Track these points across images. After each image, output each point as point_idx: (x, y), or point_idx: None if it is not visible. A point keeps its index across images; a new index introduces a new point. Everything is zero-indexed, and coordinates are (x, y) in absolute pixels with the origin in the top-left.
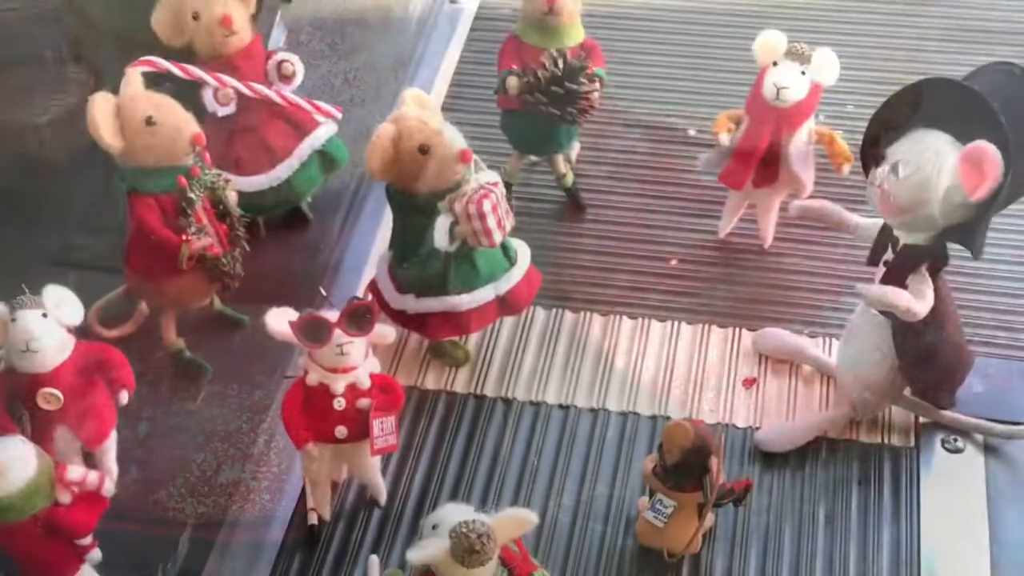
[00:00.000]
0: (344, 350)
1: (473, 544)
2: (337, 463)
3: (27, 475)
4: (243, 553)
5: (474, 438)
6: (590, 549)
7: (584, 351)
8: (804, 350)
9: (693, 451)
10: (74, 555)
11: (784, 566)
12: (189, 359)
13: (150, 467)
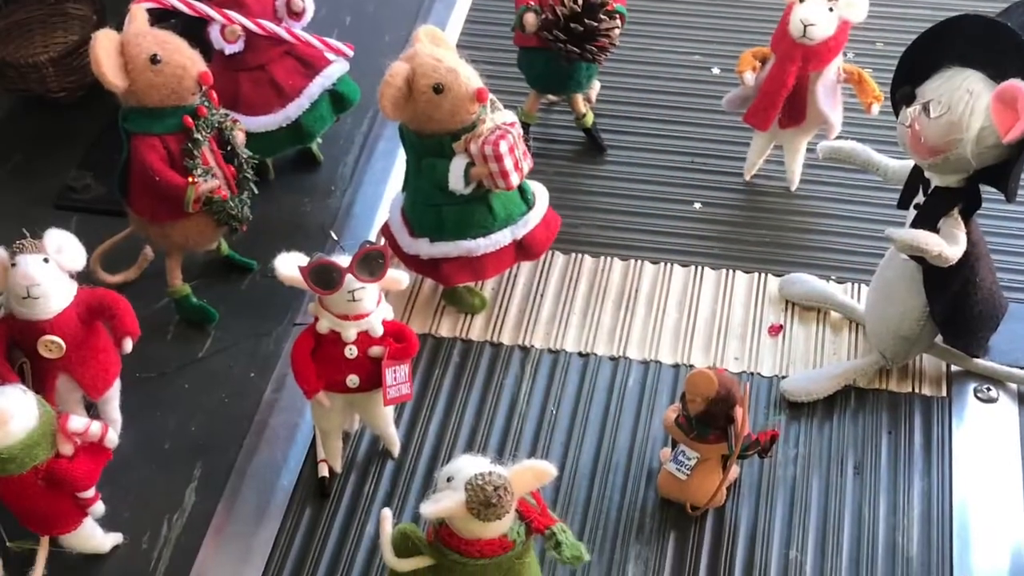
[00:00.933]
0: (356, 296)
1: (489, 497)
2: (348, 413)
3: (28, 425)
4: (251, 507)
5: (490, 387)
6: (610, 502)
7: (604, 297)
8: (832, 296)
9: (717, 401)
10: (76, 508)
11: (812, 519)
12: (195, 305)
13: (155, 417)
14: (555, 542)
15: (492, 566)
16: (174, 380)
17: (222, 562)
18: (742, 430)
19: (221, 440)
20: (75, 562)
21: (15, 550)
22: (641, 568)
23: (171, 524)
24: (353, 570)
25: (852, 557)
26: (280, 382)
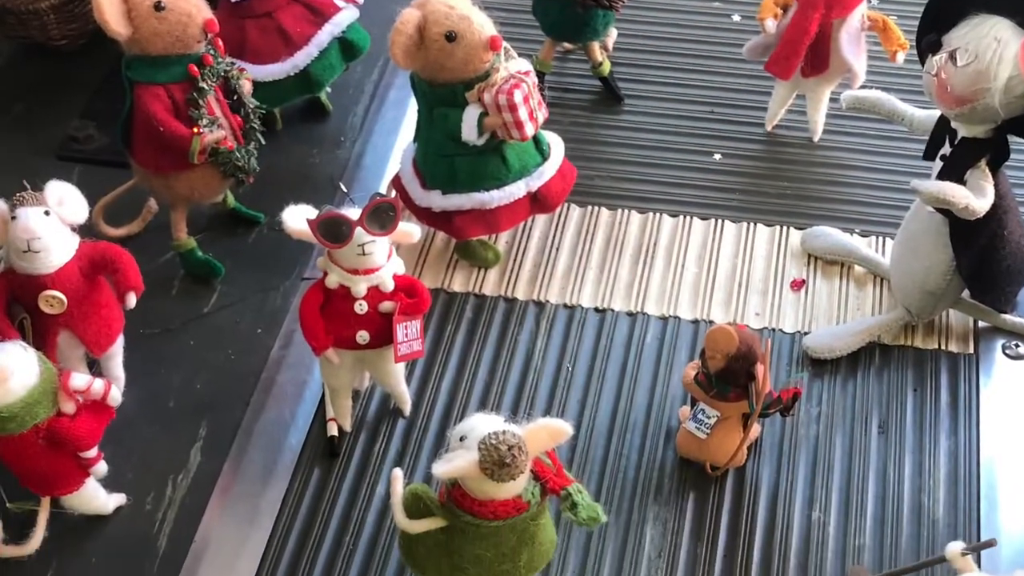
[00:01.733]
0: (366, 250)
1: (503, 457)
2: (358, 370)
3: (28, 383)
4: (258, 466)
5: (504, 344)
6: (628, 462)
7: (621, 251)
8: (855, 250)
9: (738, 357)
10: (78, 468)
11: (835, 479)
12: (201, 259)
13: (159, 375)
14: (571, 503)
15: (506, 528)
16: (179, 336)
17: (228, 523)
18: (763, 388)
19: (227, 398)
20: (77, 524)
21: (15, 511)
22: (660, 529)
23: (176, 485)
24: (363, 532)
25: (876, 518)
26: (288, 338)
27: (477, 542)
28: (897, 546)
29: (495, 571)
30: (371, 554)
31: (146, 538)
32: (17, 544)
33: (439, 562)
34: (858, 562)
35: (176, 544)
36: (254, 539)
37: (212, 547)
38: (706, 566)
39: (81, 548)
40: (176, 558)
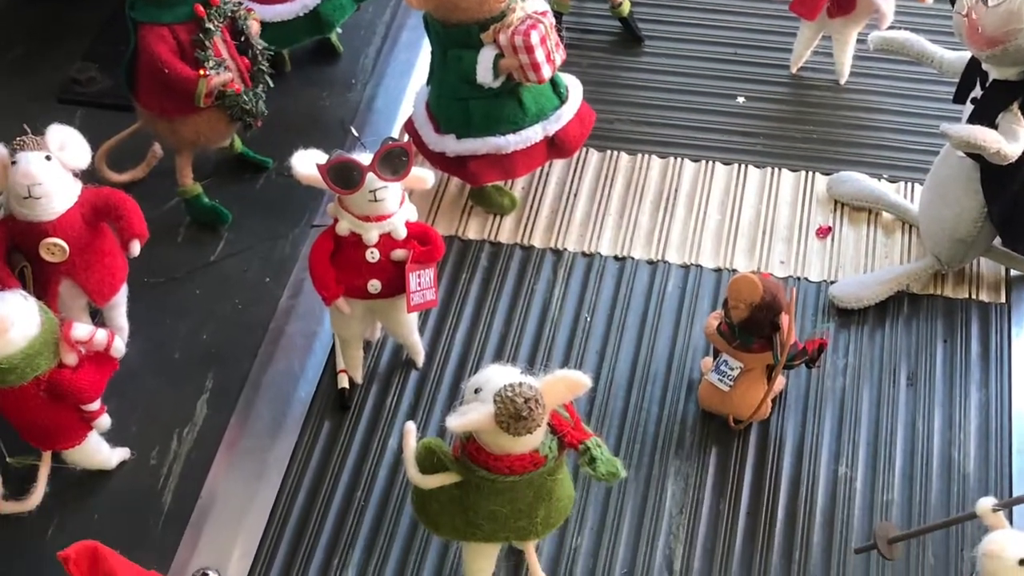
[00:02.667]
0: (378, 196)
1: (520, 410)
2: (370, 320)
3: (29, 333)
4: (266, 420)
5: (521, 293)
6: (648, 415)
7: (642, 197)
8: (883, 196)
9: (761, 307)
10: (80, 421)
11: (862, 432)
12: (208, 206)
13: (164, 325)
14: (589, 457)
15: (522, 483)
16: (184, 285)
17: (235, 478)
18: (788, 338)
19: (234, 349)
20: (79, 478)
21: (15, 466)
22: (681, 484)
23: (181, 438)
24: (375, 487)
25: (905, 473)
26: (297, 287)
27: (492, 498)
28: (926, 502)
29: (511, 527)
30: (383, 510)
31: (150, 494)
32: (17, 500)
33: (453, 518)
34: (886, 518)
35: (181, 500)
36: (262, 495)
37: (219, 503)
38: (729, 523)
39: (83, 504)
40: (181, 514)
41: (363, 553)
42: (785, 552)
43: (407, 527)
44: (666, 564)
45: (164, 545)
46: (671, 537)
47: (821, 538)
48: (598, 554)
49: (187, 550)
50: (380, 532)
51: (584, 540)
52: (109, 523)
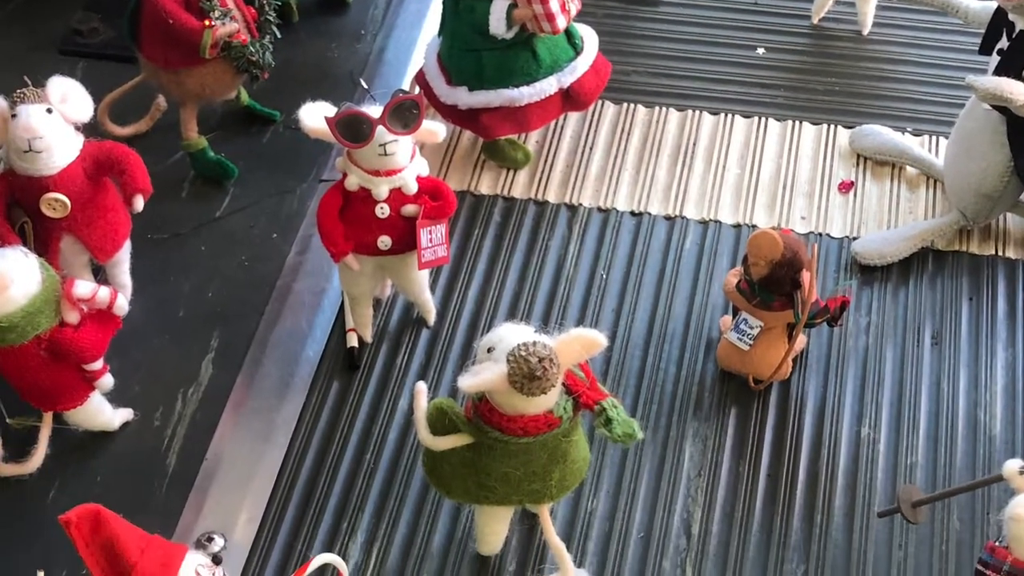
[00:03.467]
0: (388, 150)
1: (534, 369)
2: (380, 278)
3: (29, 291)
4: (273, 380)
5: (535, 249)
6: (665, 375)
7: (659, 151)
8: (907, 150)
9: (782, 264)
10: (82, 381)
11: (885, 393)
12: (213, 160)
13: (168, 283)
14: (605, 418)
15: (536, 445)
16: (189, 242)
17: (241, 440)
18: (809, 296)
19: (240, 307)
20: (81, 440)
21: (15, 428)
22: (699, 446)
23: (186, 399)
24: (384, 448)
25: (929, 435)
26: (305, 244)
27: (505, 460)
28: (951, 464)
29: (525, 490)
30: (393, 473)
31: (154, 455)
32: (18, 462)
33: (465, 481)
34: (910, 481)
35: (186, 462)
36: (269, 457)
37: (224, 465)
38: (749, 485)
39: (85, 466)
40: (186, 476)
41: (373, 517)
42: (806, 516)
43: (418, 490)
44: (684, 528)
45: (168, 508)
46: (689, 500)
47: (843, 501)
48: (614, 517)
49: (192, 513)
50: (390, 495)
51: (600, 503)
52: (112, 486)
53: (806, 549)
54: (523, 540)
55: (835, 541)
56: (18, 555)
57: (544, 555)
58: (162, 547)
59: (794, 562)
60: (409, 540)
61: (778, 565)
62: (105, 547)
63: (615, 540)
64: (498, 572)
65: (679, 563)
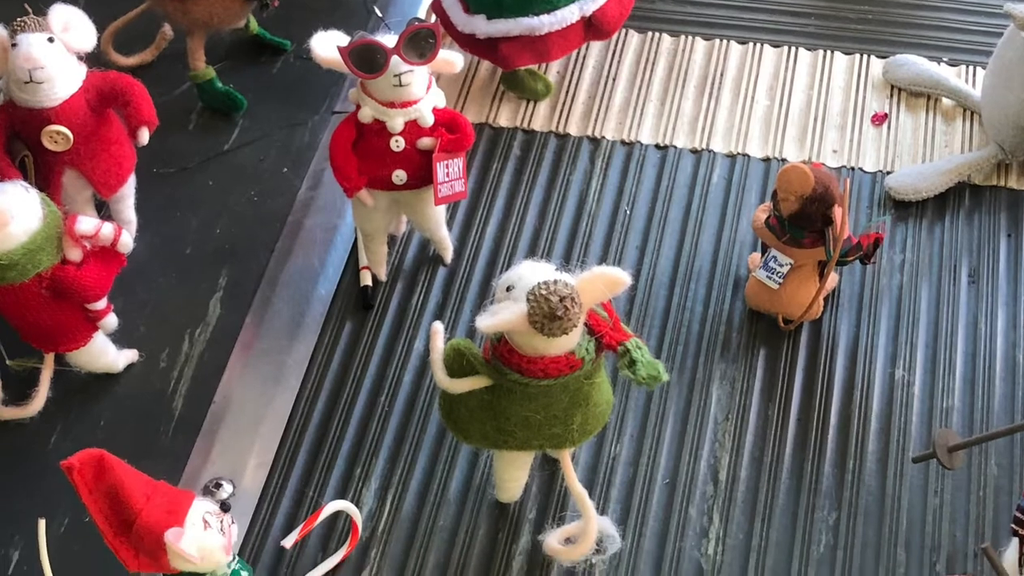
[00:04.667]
0: (403, 80)
1: (554, 309)
2: (395, 213)
3: (30, 227)
4: (284, 320)
5: (556, 184)
6: (692, 315)
7: (685, 82)
8: (943, 80)
9: (813, 199)
10: (85, 321)
11: (920, 333)
12: (221, 91)
13: (175, 219)
14: (629, 360)
15: (557, 387)
16: (196, 176)
17: (251, 382)
18: (841, 233)
19: (250, 244)
20: (84, 382)
21: (15, 369)
22: (727, 389)
23: (193, 340)
24: (399, 391)
25: (966, 377)
26: (317, 178)
27: (525, 403)
28: (989, 408)
29: (545, 435)
30: (408, 416)
31: (160, 398)
32: (18, 405)
33: (483, 425)
34: (946, 425)
35: (193, 405)
36: (279, 400)
37: (233, 408)
38: (778, 429)
39: (88, 410)
40: (193, 420)
41: (387, 463)
42: (838, 461)
43: (434, 435)
44: (711, 473)
45: (174, 453)
46: (716, 445)
47: (876, 446)
48: (638, 463)
49: (199, 459)
50: (405, 440)
51: (623, 448)
52: (116, 430)
53: (838, 495)
54: (543, 487)
55: (868, 487)
56: (18, 502)
57: (565, 502)
58: (168, 493)
59: (825, 509)
60: (425, 487)
61: (808, 512)
62: (109, 493)
63: (639, 487)
64: (517, 520)
65: (705, 510)
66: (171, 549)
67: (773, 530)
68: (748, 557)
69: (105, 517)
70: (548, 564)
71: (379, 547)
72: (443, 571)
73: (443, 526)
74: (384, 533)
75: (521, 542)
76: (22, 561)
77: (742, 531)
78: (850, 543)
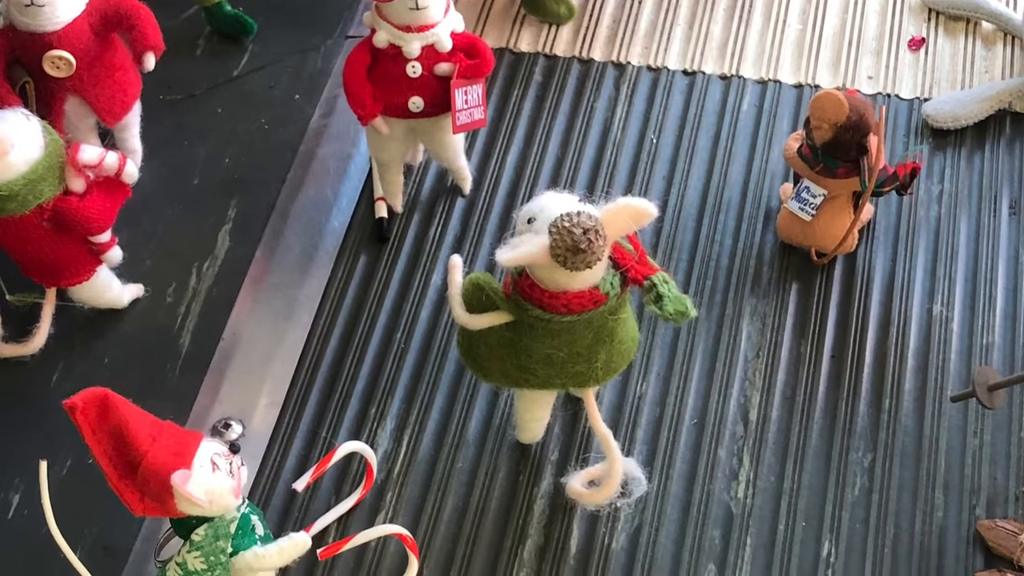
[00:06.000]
0: (420, 3)
1: (578, 241)
2: (411, 142)
3: (31, 156)
4: (295, 253)
5: (579, 111)
6: (721, 248)
7: (714, 4)
8: (983, 3)
9: (847, 127)
10: (89, 255)
11: (959, 267)
12: (230, 14)
13: (182, 148)
14: (656, 295)
15: (581, 323)
16: (204, 103)
17: (261, 318)
18: (877, 162)
19: (260, 174)
20: (87, 318)
21: (16, 305)
22: (758, 325)
23: (201, 274)
24: (416, 327)
25: (1006, 313)
26: (330, 105)
27: (547, 340)
28: None
29: (568, 373)
30: (425, 354)
31: (167, 335)
32: (18, 343)
33: (504, 363)
34: (986, 363)
35: (201, 342)
36: (291, 336)
37: (242, 346)
38: (811, 368)
39: (91, 347)
40: (201, 358)
41: (403, 402)
42: (873, 400)
43: (452, 373)
44: (741, 413)
45: (182, 392)
46: (746, 383)
47: (913, 385)
48: (665, 402)
49: (207, 398)
50: (422, 379)
51: (649, 387)
52: (121, 368)
53: (873, 436)
54: (566, 427)
55: (904, 427)
56: (19, 443)
57: (589, 443)
58: (175, 434)
59: (860, 450)
60: (443, 427)
61: (843, 454)
62: (113, 434)
63: (666, 427)
64: (539, 461)
65: (735, 451)
66: (178, 492)
67: (806, 472)
68: (780, 500)
69: (109, 459)
70: (571, 508)
71: (395, 490)
72: (461, 515)
73: (461, 468)
74: (400, 475)
75: (543, 485)
76: (22, 505)
77: (773, 473)
78: (886, 485)
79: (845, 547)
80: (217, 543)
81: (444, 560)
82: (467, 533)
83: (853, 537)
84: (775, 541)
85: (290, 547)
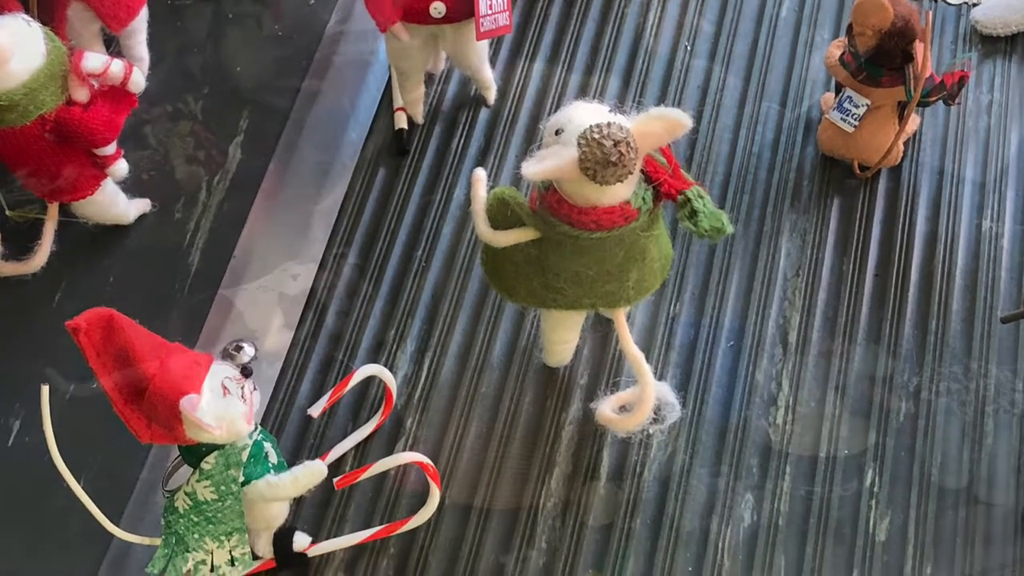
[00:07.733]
0: None
1: (608, 154)
2: (433, 49)
3: (32, 64)
4: (310, 166)
5: (609, 17)
6: (759, 161)
7: None
8: None
9: (892, 33)
10: (93, 167)
11: (1009, 180)
12: None
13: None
14: (690, 210)
15: (611, 240)
16: (214, 9)
17: (274, 234)
18: (923, 70)
19: (273, 83)
20: (91, 235)
21: (16, 221)
22: (797, 242)
23: (211, 188)
24: (437, 245)
25: None
26: (346, 10)
27: (576, 257)
28: None
29: (598, 292)
30: (448, 272)
31: (175, 252)
32: (19, 260)
33: (530, 281)
34: None
35: (211, 259)
36: (306, 253)
37: (255, 262)
38: (853, 286)
39: (96, 264)
40: (211, 275)
41: (424, 323)
42: (919, 321)
43: (475, 292)
44: (780, 335)
45: (191, 313)
46: (786, 304)
47: (961, 305)
48: (700, 324)
49: (218, 318)
50: (444, 299)
51: (683, 308)
52: (127, 286)
53: (919, 359)
54: (596, 350)
55: (952, 350)
56: (20, 366)
57: (620, 367)
58: (184, 357)
59: (905, 374)
60: (466, 349)
61: (887, 377)
62: (118, 357)
63: (700, 350)
64: (567, 385)
65: (774, 375)
66: (187, 418)
67: (848, 397)
68: (820, 427)
69: (114, 383)
70: (601, 434)
71: (415, 416)
72: (486, 442)
73: (485, 393)
74: (420, 401)
75: (571, 410)
76: (23, 431)
77: (813, 399)
78: (932, 411)
79: (889, 476)
80: (228, 472)
81: (467, 489)
82: (491, 461)
83: (898, 465)
84: (815, 470)
85: (305, 476)
